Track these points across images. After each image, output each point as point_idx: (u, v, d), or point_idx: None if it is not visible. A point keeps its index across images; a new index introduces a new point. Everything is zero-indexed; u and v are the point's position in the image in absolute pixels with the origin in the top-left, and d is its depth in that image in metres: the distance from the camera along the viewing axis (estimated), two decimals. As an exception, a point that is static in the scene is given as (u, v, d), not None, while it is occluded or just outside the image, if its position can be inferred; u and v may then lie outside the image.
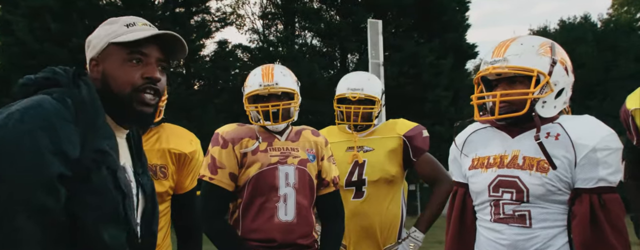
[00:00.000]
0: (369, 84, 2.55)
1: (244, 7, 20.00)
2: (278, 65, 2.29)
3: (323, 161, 2.26)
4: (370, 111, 2.52)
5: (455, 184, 1.80)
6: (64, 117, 1.07)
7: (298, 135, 2.26)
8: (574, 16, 22.06)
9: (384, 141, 2.53)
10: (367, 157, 2.52)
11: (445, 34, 15.70)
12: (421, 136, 2.56)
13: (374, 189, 2.50)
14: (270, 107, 2.14)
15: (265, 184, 2.12)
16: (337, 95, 2.57)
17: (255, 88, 2.17)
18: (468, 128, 1.81)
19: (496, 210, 1.63)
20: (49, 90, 1.13)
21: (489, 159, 1.67)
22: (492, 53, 1.65)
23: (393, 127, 2.57)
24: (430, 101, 14.62)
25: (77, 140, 1.07)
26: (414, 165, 2.54)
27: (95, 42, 1.25)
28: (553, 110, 1.61)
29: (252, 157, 2.13)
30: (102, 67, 1.22)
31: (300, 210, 2.14)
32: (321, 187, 2.26)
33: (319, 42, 16.80)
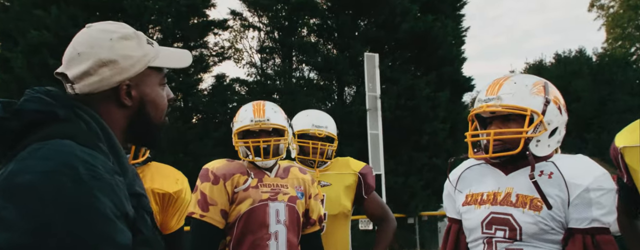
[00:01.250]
0: (331, 122, 2.64)
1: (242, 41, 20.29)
2: (269, 102, 2.31)
3: (310, 199, 2.26)
4: (331, 148, 2.58)
5: (449, 220, 1.79)
6: (112, 169, 0.92)
7: (286, 172, 2.26)
8: (569, 50, 22.37)
9: (340, 177, 2.59)
10: (325, 191, 2.55)
11: (442, 67, 15.86)
12: (371, 174, 2.66)
13: (333, 223, 2.53)
14: (261, 142, 2.13)
15: (256, 221, 2.10)
16: (299, 130, 2.58)
17: (246, 123, 2.17)
18: (462, 164, 1.80)
19: (489, 247, 1.61)
20: (54, 130, 0.93)
21: (483, 195, 1.66)
22: (486, 91, 1.67)
23: (347, 163, 2.65)
24: (427, 134, 14.63)
25: (127, 193, 0.94)
26: (364, 202, 2.61)
27: (126, 63, 1.03)
28: (547, 149, 1.61)
29: (244, 194, 2.12)
30: (139, 92, 1.05)
31: (290, 248, 2.13)
32: (307, 226, 2.26)
33: (316, 75, 16.95)
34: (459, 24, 17.54)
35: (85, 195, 0.85)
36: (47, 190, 0.83)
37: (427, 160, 14.14)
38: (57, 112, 0.96)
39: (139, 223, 0.95)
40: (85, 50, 1.03)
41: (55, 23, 11.61)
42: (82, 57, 1.03)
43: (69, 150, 0.89)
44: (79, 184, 0.85)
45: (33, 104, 0.96)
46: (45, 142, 0.90)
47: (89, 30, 1.07)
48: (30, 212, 0.82)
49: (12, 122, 0.94)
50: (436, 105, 15.26)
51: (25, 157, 0.89)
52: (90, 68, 1.02)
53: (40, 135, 0.93)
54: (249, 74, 17.88)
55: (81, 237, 0.83)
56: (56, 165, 0.86)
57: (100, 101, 1.04)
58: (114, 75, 1.03)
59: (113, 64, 1.03)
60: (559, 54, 21.81)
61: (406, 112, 14.77)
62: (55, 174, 0.85)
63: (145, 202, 1.00)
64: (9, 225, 0.81)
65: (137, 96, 1.06)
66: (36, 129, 0.94)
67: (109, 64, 1.02)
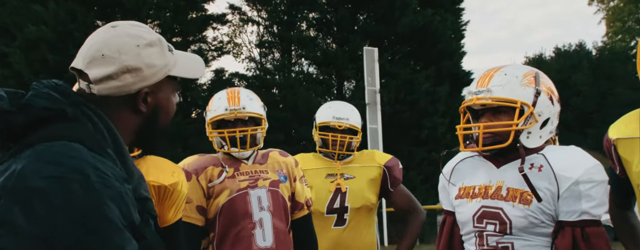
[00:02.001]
0: (353, 114, 2.57)
1: (241, 36, 20.24)
2: (244, 89, 2.22)
3: (296, 182, 2.18)
4: (353, 141, 2.52)
5: (444, 212, 1.79)
6: (120, 177, 0.91)
7: (265, 158, 2.18)
8: (569, 44, 22.34)
9: (364, 170, 2.54)
10: (348, 184, 2.51)
11: (441, 61, 15.83)
12: (398, 167, 2.60)
13: (356, 216, 2.49)
14: (237, 133, 2.04)
15: (238, 211, 2.03)
16: (320, 122, 2.55)
17: (220, 112, 2.08)
18: (456, 157, 1.80)
19: (480, 241, 1.60)
20: (62, 131, 0.91)
21: (474, 189, 1.65)
22: (477, 83, 1.65)
23: (372, 156, 2.60)
24: (426, 128, 14.63)
25: (134, 201, 0.92)
26: (390, 195, 2.56)
27: (149, 72, 1.03)
28: (538, 140, 1.60)
29: (219, 185, 2.05)
30: (155, 99, 1.06)
31: (278, 234, 2.05)
32: (295, 211, 2.17)
33: (316, 69, 16.93)
34: (459, 18, 17.48)
35: (96, 202, 0.84)
36: (57, 196, 0.82)
37: (426, 155, 14.14)
38: (65, 110, 0.94)
39: (143, 229, 0.94)
40: (111, 55, 1.02)
41: (53, 18, 11.56)
42: (106, 60, 1.02)
43: (79, 155, 0.87)
44: (90, 191, 0.84)
45: (42, 100, 0.94)
46: (52, 144, 0.88)
47: (117, 32, 1.05)
48: (38, 217, 0.80)
49: (18, 117, 0.92)
50: (435, 100, 15.24)
51: (34, 158, 0.86)
52: (114, 73, 1.01)
53: (47, 134, 0.91)
54: (248, 69, 17.88)
55: (89, 245, 0.82)
56: (67, 170, 0.85)
57: (116, 105, 1.03)
58: (136, 83, 1.03)
59: (137, 72, 1.03)
60: (558, 48, 21.77)
61: (405, 107, 14.76)
62: (66, 180, 0.83)
63: (150, 206, 1.00)
64: (16, 229, 0.79)
65: (153, 103, 1.07)
66: (42, 125, 0.92)
67: (133, 71, 1.02)
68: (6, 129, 0.92)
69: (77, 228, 0.81)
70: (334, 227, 2.49)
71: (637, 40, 24.64)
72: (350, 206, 2.48)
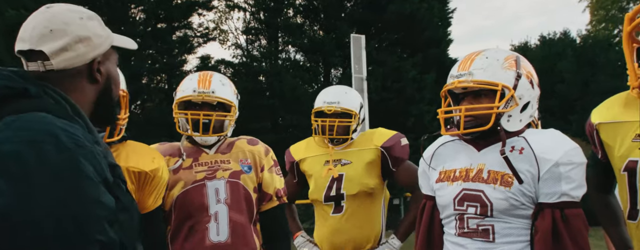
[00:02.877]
0: (346, 97, 2.49)
1: (227, 22, 20.06)
2: (218, 74, 2.16)
3: (263, 172, 2.08)
4: (347, 124, 2.45)
5: (424, 196, 1.79)
6: (89, 139, 0.96)
7: (230, 147, 2.10)
8: (554, 32, 22.47)
9: (361, 153, 2.47)
10: (345, 170, 2.45)
11: (428, 49, 15.85)
12: (400, 145, 2.49)
13: (354, 203, 2.43)
14: (201, 116, 1.96)
15: (193, 204, 1.96)
16: (314, 108, 2.51)
17: (188, 93, 2.01)
18: (436, 141, 1.80)
19: (461, 224, 1.62)
20: (25, 105, 0.96)
21: (455, 172, 1.66)
22: (458, 66, 1.65)
23: (370, 138, 2.51)
24: (413, 115, 14.69)
25: (105, 162, 0.98)
26: (394, 174, 2.47)
27: (97, 40, 1.11)
28: (519, 123, 1.61)
29: (174, 177, 1.99)
30: (106, 69, 1.13)
31: (235, 228, 1.97)
32: (263, 202, 2.09)
33: (303, 56, 16.86)
34: (446, 6, 17.47)
35: (70, 160, 0.89)
36: (31, 157, 0.86)
37: (412, 142, 14.19)
38: (28, 89, 0.99)
39: (116, 191, 0.99)
40: (59, 28, 1.08)
41: (33, 2, 11.32)
42: (55, 34, 1.07)
43: (48, 120, 0.93)
44: (62, 151, 0.89)
45: (2, 80, 1.00)
46: (20, 115, 0.93)
47: (54, 9, 1.12)
48: (16, 178, 0.85)
49: None
50: (422, 88, 15.28)
51: (3, 128, 0.91)
52: (68, 44, 1.07)
53: (12, 109, 0.96)
54: (235, 56, 17.74)
55: (68, 200, 0.86)
56: (38, 134, 0.90)
57: (73, 77, 1.08)
58: (89, 52, 1.09)
59: (88, 41, 1.09)
60: (544, 36, 21.90)
61: (392, 94, 14.78)
62: (37, 142, 0.88)
63: (119, 172, 1.05)
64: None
65: (105, 72, 1.13)
66: (6, 104, 0.97)
67: (84, 41, 1.09)
68: None
69: (54, 184, 0.86)
70: (332, 214, 2.44)
71: (619, 28, 24.90)
72: (346, 193, 2.43)
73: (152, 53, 15.49)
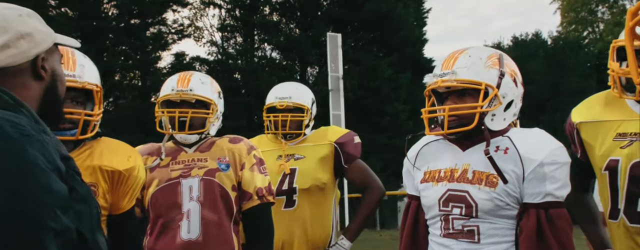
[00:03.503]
0: (298, 92, 2.51)
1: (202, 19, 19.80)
2: (200, 73, 2.17)
3: (243, 170, 2.06)
4: (300, 119, 2.47)
5: (408, 197, 1.77)
6: (36, 128, 0.95)
7: (210, 145, 2.10)
8: (526, 33, 22.90)
9: (315, 148, 2.48)
10: (298, 165, 2.46)
11: (404, 48, 15.98)
12: (353, 142, 2.51)
13: (306, 197, 2.44)
14: (176, 113, 1.98)
15: (167, 202, 1.98)
16: (266, 105, 2.51)
17: (167, 92, 2.05)
18: (420, 141, 1.78)
19: (446, 225, 1.60)
20: None
21: (440, 172, 1.64)
22: (441, 65, 1.64)
23: (324, 134, 2.53)
24: (388, 114, 14.79)
25: (56, 151, 0.96)
26: (346, 171, 2.50)
27: (39, 37, 1.09)
28: (502, 122, 1.60)
29: (150, 175, 2.00)
30: (51, 67, 1.11)
31: (207, 226, 1.96)
32: (243, 201, 2.07)
33: (279, 55, 16.79)
34: (421, 6, 17.64)
35: (16, 150, 0.87)
36: None
37: (387, 141, 14.31)
38: None
39: (71, 181, 0.97)
40: (1, 25, 1.06)
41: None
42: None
43: None
44: (7, 141, 0.87)
45: None
46: None
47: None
48: None
49: None
50: (398, 87, 15.40)
51: None
52: (10, 40, 1.05)
53: None
54: (210, 53, 17.55)
55: (17, 188, 0.85)
56: None
57: (17, 74, 1.06)
58: (31, 48, 1.07)
59: (30, 37, 1.08)
60: (516, 37, 22.30)
61: (368, 93, 14.85)
62: None
63: (73, 164, 1.02)
64: None
65: (50, 70, 1.11)
66: None
67: (26, 37, 1.07)
68: None
69: (3, 175, 0.85)
70: (284, 209, 2.43)
71: (589, 30, 25.55)
72: (298, 187, 2.43)
73: (126, 49, 15.21)
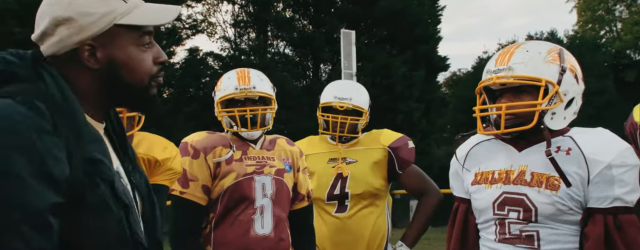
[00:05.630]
0: (358, 94, 2.43)
1: (216, 15, 19.77)
2: (254, 70, 2.17)
3: (299, 173, 2.15)
4: (357, 122, 2.39)
5: (456, 199, 1.68)
6: (40, 127, 0.86)
7: (273, 144, 2.15)
8: (541, 32, 22.63)
9: (368, 152, 2.40)
10: (350, 169, 2.39)
11: (418, 46, 15.84)
12: (407, 147, 2.44)
13: (358, 202, 2.37)
14: (247, 112, 2.01)
15: (241, 196, 1.99)
16: (322, 103, 2.43)
17: (231, 91, 2.05)
18: (470, 140, 1.68)
19: (501, 229, 1.51)
20: (7, 90, 0.89)
21: (494, 174, 1.55)
22: (495, 61, 1.55)
23: (377, 137, 2.45)
24: (402, 112, 14.67)
25: (62, 154, 0.86)
26: (400, 177, 2.43)
27: (84, 21, 0.95)
28: (563, 121, 1.51)
29: (227, 167, 2.00)
30: (106, 54, 0.97)
31: (277, 223, 2.03)
32: (295, 201, 2.15)
33: (292, 51, 16.72)
34: (435, 3, 17.47)
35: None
36: None
37: (402, 140, 14.20)
38: (17, 72, 0.92)
39: (86, 189, 0.88)
40: (44, 10, 0.98)
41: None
42: (41, 18, 0.98)
43: (3, 107, 0.85)
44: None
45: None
46: None
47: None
48: None
49: None
50: (411, 85, 15.27)
51: None
52: (48, 28, 0.96)
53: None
54: (223, 49, 17.51)
55: None
56: None
57: (65, 63, 0.96)
58: (72, 35, 0.95)
59: (69, 23, 0.95)
60: (531, 36, 22.05)
61: (381, 91, 14.73)
62: None
63: (102, 170, 0.91)
64: None
65: (105, 58, 0.97)
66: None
67: (65, 23, 0.95)
68: None
69: None
70: (335, 213, 2.39)
71: (606, 29, 25.21)
72: (350, 192, 2.38)
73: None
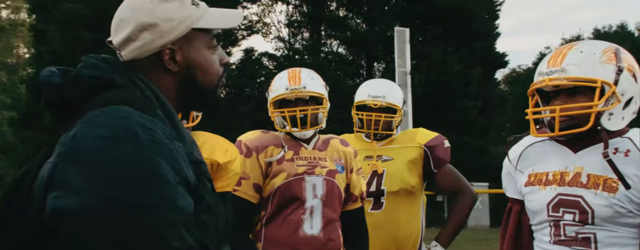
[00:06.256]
0: (391, 91, 2.46)
1: (270, 15, 20.14)
2: (306, 69, 2.20)
3: (352, 173, 2.16)
4: (391, 120, 2.42)
5: (510, 200, 1.68)
6: (169, 135, 0.90)
7: (326, 144, 2.16)
8: (609, 25, 21.49)
9: (403, 150, 2.44)
10: (386, 166, 2.42)
11: (475, 42, 15.47)
12: (443, 146, 2.46)
13: (394, 200, 2.40)
14: (297, 112, 2.03)
15: (292, 195, 2.03)
16: (356, 101, 2.48)
17: (282, 92, 2.08)
18: (523, 141, 1.67)
19: (556, 231, 1.50)
20: (107, 96, 0.92)
21: (548, 175, 1.54)
22: (547, 62, 1.53)
23: (413, 136, 2.48)
24: (459, 110, 14.38)
25: (186, 158, 0.91)
26: (435, 176, 2.44)
27: (166, 26, 1.00)
28: (621, 122, 1.48)
29: (278, 167, 2.04)
30: (184, 57, 1.02)
31: (327, 224, 2.04)
32: (348, 202, 2.16)
33: (345, 50, 16.76)
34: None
35: (146, 159, 0.85)
36: (109, 154, 0.84)
37: (457, 138, 13.92)
38: (114, 79, 0.95)
39: (201, 190, 0.93)
40: (126, 16, 1.02)
41: (87, -4, 11.71)
42: (124, 23, 1.02)
43: (128, 115, 0.88)
44: (139, 148, 0.85)
45: (90, 70, 0.96)
46: (103, 109, 0.89)
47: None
48: (93, 176, 0.82)
49: (70, 89, 0.94)
50: (468, 82, 14.94)
51: (86, 123, 0.88)
52: (132, 33, 1.00)
53: (98, 102, 0.92)
54: (277, 49, 17.80)
55: (144, 202, 0.82)
56: (117, 130, 0.86)
57: (146, 67, 1.01)
58: (155, 40, 1.00)
59: (153, 28, 1.00)
60: (598, 29, 21.01)
61: (436, 89, 14.51)
62: (116, 139, 0.85)
63: (205, 169, 0.98)
64: (73, 189, 0.82)
65: (183, 61, 1.02)
66: (94, 95, 0.93)
67: (149, 28, 1.00)
68: (63, 102, 0.94)
69: (128, 184, 0.83)
70: (370, 211, 2.41)
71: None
72: (386, 189, 2.41)
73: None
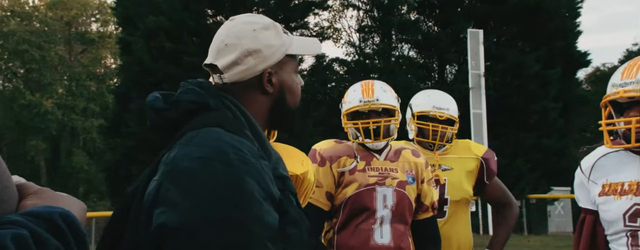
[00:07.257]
0: (453, 104, 2.51)
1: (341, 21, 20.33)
2: (378, 81, 2.27)
3: (423, 184, 2.21)
4: (453, 132, 2.49)
5: (583, 210, 1.71)
6: (256, 154, 0.98)
7: (397, 155, 2.21)
8: None
9: (462, 161, 2.50)
10: (446, 176, 2.48)
11: (553, 42, 14.78)
12: (494, 159, 2.55)
13: (455, 209, 2.47)
14: (371, 124, 2.10)
15: (362, 205, 2.10)
16: (419, 111, 2.48)
17: (355, 104, 2.15)
18: (596, 151, 1.69)
19: (634, 241, 1.52)
20: (201, 119, 1.03)
21: (623, 185, 1.56)
22: (622, 74, 1.55)
23: (468, 147, 2.55)
24: (536, 113, 13.81)
25: (271, 175, 0.99)
26: (485, 188, 2.52)
27: (268, 52, 1.11)
28: None
29: (350, 177, 2.12)
30: (279, 79, 1.13)
31: (396, 233, 2.10)
32: (419, 212, 2.21)
33: (416, 53, 16.60)
34: (574, -6, 16.14)
35: (236, 178, 0.93)
36: (202, 174, 0.93)
37: (535, 141, 13.38)
38: (208, 102, 1.06)
39: (285, 204, 1.00)
40: (232, 42, 1.12)
41: (169, 8, 12.44)
42: (229, 48, 1.12)
43: (220, 137, 0.97)
44: (229, 168, 0.93)
45: (188, 95, 1.07)
46: (198, 130, 1.00)
47: (233, 22, 1.16)
48: (189, 194, 0.92)
49: (171, 113, 1.06)
50: (546, 83, 14.32)
51: (184, 144, 0.99)
52: (238, 58, 1.10)
53: (194, 124, 1.03)
54: (348, 54, 17.96)
55: (234, 217, 0.90)
56: (210, 151, 0.95)
57: (245, 89, 1.12)
58: (258, 64, 1.11)
59: (257, 53, 1.10)
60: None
61: (512, 91, 14.03)
62: (209, 159, 0.94)
63: (289, 184, 1.07)
64: (174, 206, 0.92)
65: (277, 83, 1.13)
66: (191, 117, 1.05)
67: (253, 54, 1.10)
68: (165, 124, 1.07)
69: (219, 201, 0.90)
70: None
71: None
72: (450, 198, 2.46)
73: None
